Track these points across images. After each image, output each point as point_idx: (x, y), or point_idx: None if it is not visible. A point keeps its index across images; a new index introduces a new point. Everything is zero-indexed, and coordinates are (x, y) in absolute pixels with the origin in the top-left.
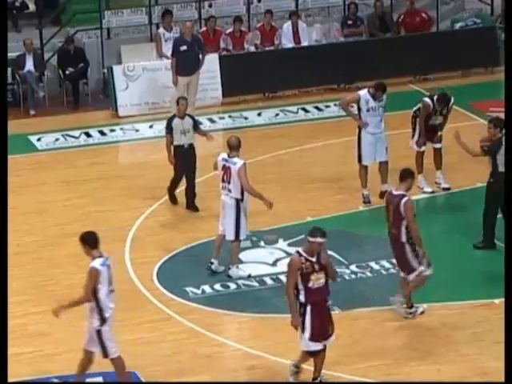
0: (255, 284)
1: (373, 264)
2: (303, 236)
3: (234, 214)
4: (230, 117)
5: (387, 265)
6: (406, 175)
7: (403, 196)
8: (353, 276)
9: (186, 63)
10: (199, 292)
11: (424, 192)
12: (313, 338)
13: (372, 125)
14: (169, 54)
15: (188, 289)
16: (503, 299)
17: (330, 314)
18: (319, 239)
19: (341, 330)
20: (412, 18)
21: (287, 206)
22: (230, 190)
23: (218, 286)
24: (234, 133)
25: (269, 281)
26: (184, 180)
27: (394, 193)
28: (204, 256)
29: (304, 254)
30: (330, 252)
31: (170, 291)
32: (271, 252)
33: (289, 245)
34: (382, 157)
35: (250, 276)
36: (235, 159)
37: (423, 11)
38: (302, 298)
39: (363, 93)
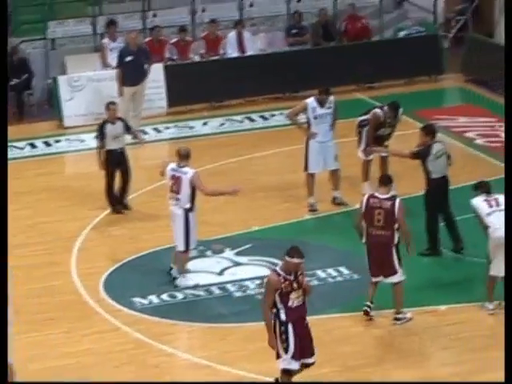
0: (202, 293)
1: (319, 272)
2: (250, 245)
3: (183, 225)
4: (175, 126)
5: (334, 273)
6: (389, 180)
7: (394, 197)
8: None
9: (131, 73)
10: (146, 302)
11: None
12: (294, 357)
13: (320, 133)
14: (114, 64)
15: (135, 299)
16: (449, 306)
17: (309, 332)
18: (296, 260)
19: None
20: (353, 25)
21: (234, 215)
22: (178, 200)
23: (165, 296)
24: (180, 142)
25: (216, 290)
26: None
27: (381, 196)
28: (151, 266)
29: (282, 273)
30: (276, 261)
31: (117, 302)
32: (218, 261)
33: (236, 254)
34: (332, 165)
35: (197, 285)
36: (185, 169)
37: (364, 18)
38: (282, 316)
39: (310, 100)
